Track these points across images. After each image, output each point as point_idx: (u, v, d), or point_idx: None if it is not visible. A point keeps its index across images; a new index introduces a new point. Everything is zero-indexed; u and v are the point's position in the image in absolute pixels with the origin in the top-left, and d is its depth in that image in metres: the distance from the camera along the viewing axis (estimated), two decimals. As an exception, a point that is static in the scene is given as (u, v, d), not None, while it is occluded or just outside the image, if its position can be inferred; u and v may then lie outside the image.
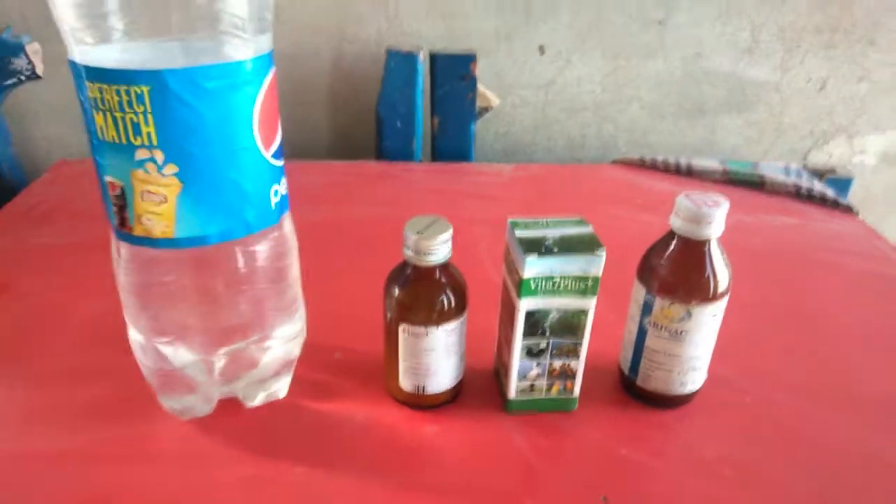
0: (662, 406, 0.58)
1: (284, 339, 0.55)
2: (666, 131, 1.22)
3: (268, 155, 0.47)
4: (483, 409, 0.58)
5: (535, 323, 0.53)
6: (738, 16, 1.14)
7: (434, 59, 1.06)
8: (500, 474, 0.51)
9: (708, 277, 0.52)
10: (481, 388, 0.60)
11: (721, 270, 0.52)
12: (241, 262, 0.49)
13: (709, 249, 0.52)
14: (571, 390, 0.56)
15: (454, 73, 1.06)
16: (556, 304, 0.52)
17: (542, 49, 1.15)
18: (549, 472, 0.51)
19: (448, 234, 0.51)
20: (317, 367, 0.62)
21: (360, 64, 1.14)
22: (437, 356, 0.54)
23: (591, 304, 0.52)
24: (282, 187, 0.50)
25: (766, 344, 0.68)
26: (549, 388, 0.56)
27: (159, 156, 0.43)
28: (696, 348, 0.54)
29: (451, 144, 1.10)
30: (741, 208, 0.93)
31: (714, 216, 0.50)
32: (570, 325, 0.53)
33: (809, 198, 1.00)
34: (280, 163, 0.49)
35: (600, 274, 0.51)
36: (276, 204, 0.49)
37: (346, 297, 0.70)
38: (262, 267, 0.51)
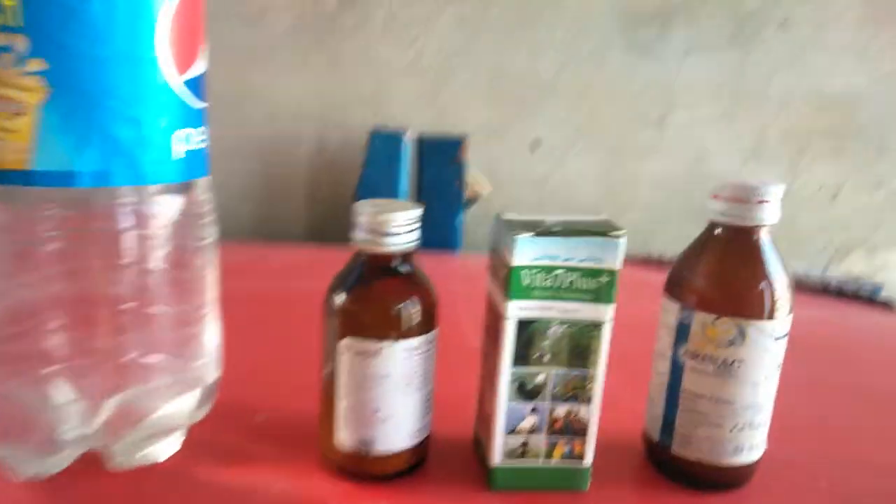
0: (708, 486, 0.41)
1: (185, 379, 0.40)
2: (671, 236, 1.12)
3: (175, 81, 0.35)
4: (455, 484, 0.41)
5: (529, 341, 0.38)
6: (741, 116, 1.09)
7: (421, 141, 0.98)
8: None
9: (765, 278, 0.38)
10: (454, 459, 0.43)
11: (780, 274, 0.38)
12: (127, 236, 0.35)
13: (763, 242, 0.39)
14: (581, 456, 0.40)
15: (442, 157, 0.98)
16: (558, 310, 0.37)
17: (536, 143, 1.08)
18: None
19: (416, 214, 0.38)
20: (227, 428, 0.45)
21: (344, 153, 1.07)
22: (393, 389, 0.38)
23: (607, 314, 0.38)
24: (196, 137, 0.37)
25: (830, 424, 0.52)
26: (550, 451, 0.40)
27: (21, 43, 0.31)
28: (754, 390, 0.39)
29: (437, 233, 0.99)
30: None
31: (768, 192, 0.38)
32: (578, 346, 0.38)
33: (840, 293, 0.87)
34: (198, 103, 0.37)
35: (619, 268, 0.37)
36: (182, 153, 0.37)
37: (284, 358, 0.55)
38: (158, 252, 0.37)
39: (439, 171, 0.97)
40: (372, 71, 1.04)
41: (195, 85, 0.37)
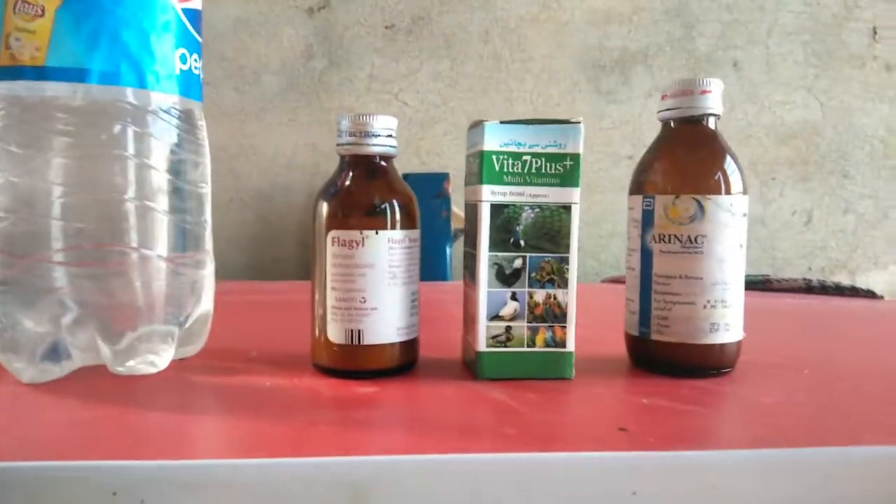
0: (690, 370, 0.42)
1: (178, 283, 0.42)
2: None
3: (177, 4, 0.40)
4: (444, 378, 0.42)
5: (504, 225, 0.40)
6: (706, 151, 1.16)
7: (406, 178, 1.04)
8: (474, 417, 0.34)
9: (716, 157, 0.41)
10: (444, 367, 0.44)
11: (729, 157, 0.42)
12: (129, 134, 0.39)
13: (712, 129, 0.42)
14: (563, 342, 0.41)
15: (427, 191, 1.03)
16: (528, 195, 0.40)
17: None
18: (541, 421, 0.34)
19: (392, 121, 0.42)
20: (222, 359, 0.46)
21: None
22: (378, 280, 0.40)
23: (573, 196, 0.41)
24: (192, 60, 0.42)
25: (810, 344, 0.53)
26: (533, 337, 0.41)
27: (40, -43, 0.36)
28: (720, 266, 0.41)
29: (426, 265, 1.02)
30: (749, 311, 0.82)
31: (710, 84, 0.42)
32: (550, 229, 0.41)
33: (823, 290, 0.89)
34: (196, 35, 0.42)
35: (580, 151, 0.41)
36: (181, 71, 0.41)
37: (275, 330, 0.56)
38: (159, 157, 0.40)
39: (426, 205, 1.01)
40: (359, 125, 1.12)
41: (193, 17, 0.42)
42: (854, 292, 0.87)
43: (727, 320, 0.42)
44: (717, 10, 1.15)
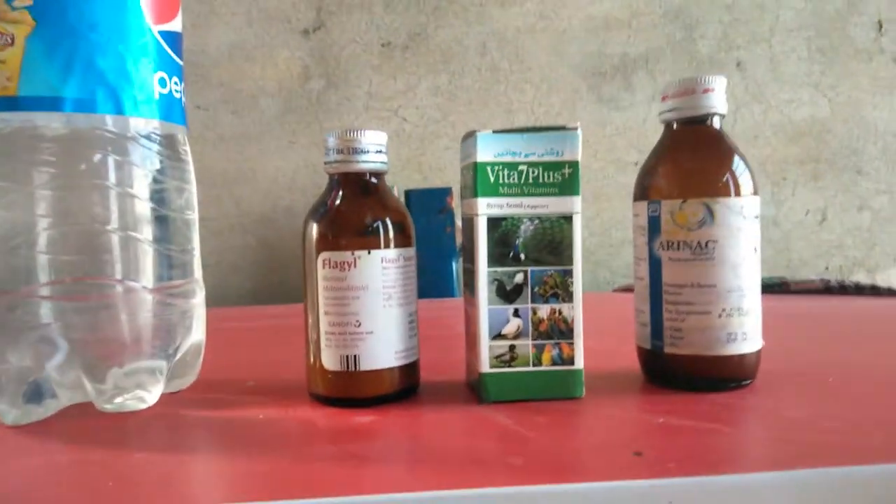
0: (708, 384, 0.39)
1: (166, 316, 0.40)
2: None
3: (154, 27, 0.39)
4: (447, 404, 0.39)
5: (503, 238, 0.38)
6: (714, 153, 1.14)
7: (408, 194, 1.02)
8: (479, 446, 0.32)
9: (723, 157, 0.39)
10: (447, 391, 0.42)
11: (736, 157, 0.40)
12: (109, 162, 0.37)
13: (717, 129, 0.40)
14: (571, 359, 0.39)
15: (430, 206, 1.01)
16: (527, 206, 0.38)
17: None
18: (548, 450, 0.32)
19: (382, 136, 0.41)
20: (215, 390, 0.44)
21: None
22: (373, 302, 0.38)
23: (574, 205, 0.39)
24: (171, 84, 0.41)
25: (832, 348, 0.51)
26: (539, 355, 0.39)
27: (8, -18, 0.35)
28: (734, 272, 0.39)
29: (432, 282, 1.00)
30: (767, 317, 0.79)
31: (712, 81, 0.40)
32: (551, 240, 0.39)
33: (843, 290, 0.87)
34: (176, 58, 0.41)
35: (579, 158, 0.39)
36: (161, 95, 0.39)
37: (270, 356, 0.55)
38: (141, 185, 0.39)
39: (429, 221, 1.00)
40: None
41: (172, 39, 0.41)
42: (875, 291, 0.84)
43: (745, 329, 0.39)
44: (717, 10, 1.14)
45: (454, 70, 1.12)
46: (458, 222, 1.03)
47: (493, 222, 0.38)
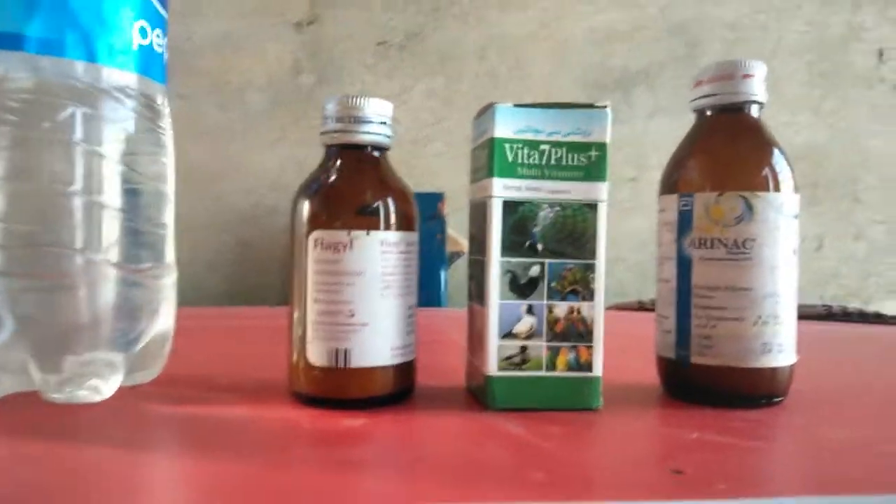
0: (738, 399, 0.35)
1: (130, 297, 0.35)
2: (661, 293, 1.09)
3: (136, -31, 0.35)
4: (446, 408, 0.35)
5: (519, 225, 0.34)
6: (712, 173, 1.11)
7: (398, 198, 0.98)
8: (490, 457, 0.28)
9: (764, 148, 0.36)
10: (445, 396, 0.37)
11: (776, 150, 0.36)
12: (77, 116, 0.33)
13: (754, 118, 0.37)
14: (589, 365, 0.35)
15: (421, 212, 0.97)
16: (547, 191, 0.34)
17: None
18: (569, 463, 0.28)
19: (389, 107, 0.36)
20: (179, 383, 0.39)
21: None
22: (369, 290, 0.34)
23: (600, 192, 0.35)
24: (154, 36, 0.36)
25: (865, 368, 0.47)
26: (554, 358, 0.34)
27: None
28: (772, 276, 0.35)
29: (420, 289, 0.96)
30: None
31: (752, 66, 0.36)
32: (572, 230, 0.34)
33: (846, 316, 0.84)
34: (160, 7, 0.36)
35: (608, 140, 0.35)
36: (140, 46, 0.35)
37: (246, 357, 0.50)
38: (111, 145, 0.34)
39: (419, 227, 0.95)
40: (349, 144, 1.06)
41: (159, -13, 0.36)
42: (880, 319, 0.82)
43: (780, 339, 0.35)
44: (720, 28, 1.12)
45: (451, 73, 1.08)
46: (450, 230, 0.99)
47: (509, 206, 0.34)
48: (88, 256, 0.33)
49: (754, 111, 0.37)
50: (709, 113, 0.38)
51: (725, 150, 0.37)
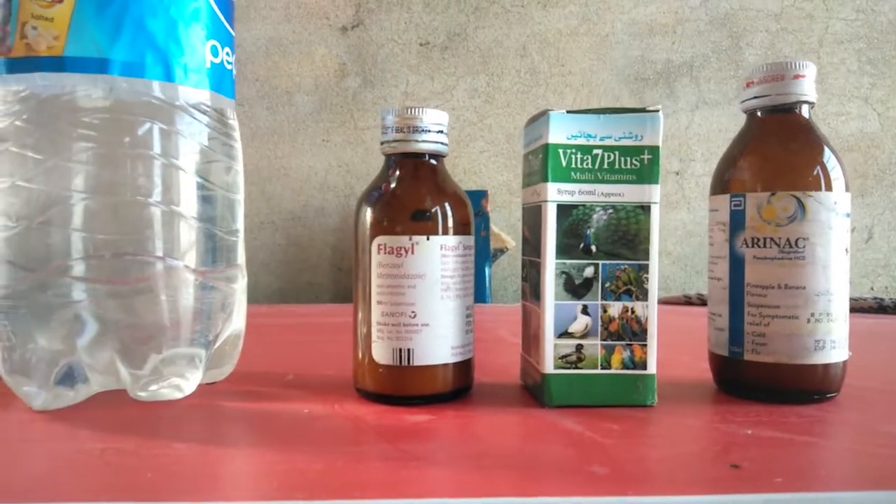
0: (792, 396, 0.36)
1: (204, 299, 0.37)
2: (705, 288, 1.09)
3: (209, -7, 0.37)
4: (505, 405, 0.36)
5: (573, 228, 0.35)
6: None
7: (443, 197, 0.99)
8: (551, 452, 0.29)
9: (815, 147, 0.36)
10: (503, 394, 0.39)
11: (828, 149, 0.37)
12: (155, 132, 0.35)
13: (805, 118, 0.37)
14: (643, 363, 0.36)
15: (464, 209, 0.98)
16: (600, 194, 0.35)
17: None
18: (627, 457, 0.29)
19: (445, 116, 0.38)
20: (250, 380, 0.41)
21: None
22: (429, 292, 0.35)
23: (652, 194, 0.36)
24: (224, 54, 0.38)
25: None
26: (608, 357, 0.36)
27: (59, -61, 0.33)
28: (825, 273, 0.35)
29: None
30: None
31: (803, 67, 0.37)
32: (626, 232, 0.35)
33: (899, 310, 0.82)
34: (229, 27, 0.39)
35: (660, 143, 0.36)
36: (212, 64, 0.37)
37: (310, 356, 0.52)
38: (188, 158, 0.36)
39: (463, 225, 0.97)
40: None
41: (226, 7, 0.38)
42: (935, 312, 0.80)
43: (833, 336, 0.36)
44: (765, 19, 1.10)
45: (493, 71, 1.09)
46: (493, 227, 1.00)
47: (564, 210, 0.35)
48: (168, 262, 0.36)
49: (805, 111, 0.37)
50: (759, 114, 0.38)
51: (777, 150, 0.37)
